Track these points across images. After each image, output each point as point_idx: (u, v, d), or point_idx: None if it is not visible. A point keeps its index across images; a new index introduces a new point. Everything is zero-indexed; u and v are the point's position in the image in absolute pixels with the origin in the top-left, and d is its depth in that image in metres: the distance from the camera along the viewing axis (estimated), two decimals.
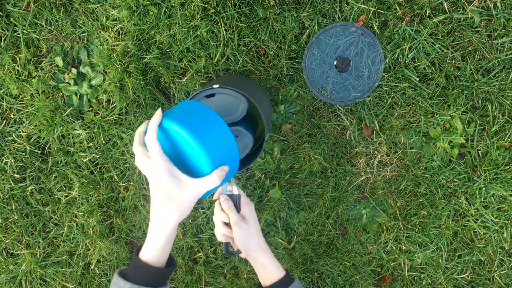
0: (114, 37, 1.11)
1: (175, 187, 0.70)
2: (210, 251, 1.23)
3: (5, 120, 1.18)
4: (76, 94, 1.16)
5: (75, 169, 1.19)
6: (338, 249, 1.22)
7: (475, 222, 1.18)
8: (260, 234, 0.92)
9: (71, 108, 1.16)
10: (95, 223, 1.20)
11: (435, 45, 1.07)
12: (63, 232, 1.23)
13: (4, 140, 1.19)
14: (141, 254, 0.75)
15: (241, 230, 0.88)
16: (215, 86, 0.93)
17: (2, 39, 1.13)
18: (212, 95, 0.97)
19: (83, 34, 1.13)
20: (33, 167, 1.20)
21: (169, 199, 0.71)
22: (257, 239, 0.90)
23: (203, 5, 1.05)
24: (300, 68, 1.10)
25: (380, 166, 1.17)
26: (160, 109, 0.74)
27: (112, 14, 1.09)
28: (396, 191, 1.18)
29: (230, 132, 0.76)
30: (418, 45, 1.07)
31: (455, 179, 1.16)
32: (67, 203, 1.21)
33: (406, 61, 1.09)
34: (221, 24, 1.07)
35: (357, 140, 1.16)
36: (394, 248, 1.21)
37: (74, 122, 1.16)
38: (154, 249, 0.74)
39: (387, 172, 1.17)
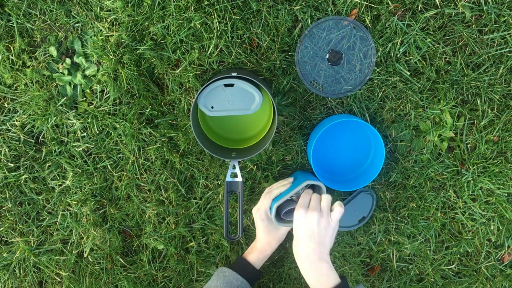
0: (108, 28, 1.11)
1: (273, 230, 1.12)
2: (202, 240, 1.24)
3: None
4: (70, 84, 1.16)
5: (69, 159, 1.20)
6: None
7: (463, 215, 1.20)
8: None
9: (65, 98, 1.16)
10: (89, 212, 1.22)
11: (426, 39, 1.08)
12: (56, 221, 1.24)
13: None
14: (249, 257, 1.11)
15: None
16: (233, 74, 1.01)
17: None
18: (231, 85, 1.03)
19: (77, 24, 1.14)
20: (27, 156, 1.21)
21: (270, 234, 1.12)
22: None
23: None
24: (293, 61, 1.12)
25: None
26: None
27: (106, 4, 1.09)
28: (385, 183, 1.20)
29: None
30: (409, 39, 1.08)
31: (444, 172, 1.18)
32: (61, 192, 1.22)
33: (398, 55, 1.10)
34: (214, 16, 1.07)
35: None
36: (383, 239, 1.23)
37: (68, 112, 1.17)
38: (259, 257, 1.11)
39: None
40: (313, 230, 0.95)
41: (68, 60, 1.15)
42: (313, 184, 1.07)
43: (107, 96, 1.16)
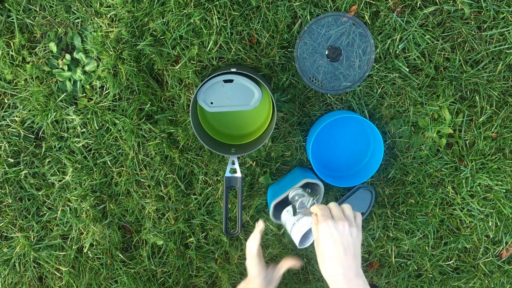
0: (108, 24, 1.12)
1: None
2: (202, 236, 1.25)
3: None
4: (69, 80, 1.17)
5: (69, 154, 1.20)
6: None
7: (461, 211, 1.20)
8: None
9: (64, 93, 1.17)
10: (88, 207, 1.22)
11: (425, 36, 1.09)
12: (56, 216, 1.24)
13: None
14: None
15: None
16: (233, 69, 1.02)
17: None
18: (231, 80, 1.04)
19: (77, 20, 1.14)
20: (27, 151, 1.21)
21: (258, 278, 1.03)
22: None
23: None
24: (292, 57, 1.12)
25: None
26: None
27: (106, 0, 1.10)
28: (384, 180, 1.20)
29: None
30: (408, 36, 1.09)
31: (442, 169, 1.18)
32: (61, 188, 1.23)
33: (397, 52, 1.10)
34: (214, 12, 1.08)
35: None
36: (382, 235, 1.24)
37: (67, 107, 1.18)
38: None
39: None
40: (347, 241, 0.82)
41: (68, 56, 1.15)
42: (311, 182, 1.07)
43: (106, 92, 1.16)
